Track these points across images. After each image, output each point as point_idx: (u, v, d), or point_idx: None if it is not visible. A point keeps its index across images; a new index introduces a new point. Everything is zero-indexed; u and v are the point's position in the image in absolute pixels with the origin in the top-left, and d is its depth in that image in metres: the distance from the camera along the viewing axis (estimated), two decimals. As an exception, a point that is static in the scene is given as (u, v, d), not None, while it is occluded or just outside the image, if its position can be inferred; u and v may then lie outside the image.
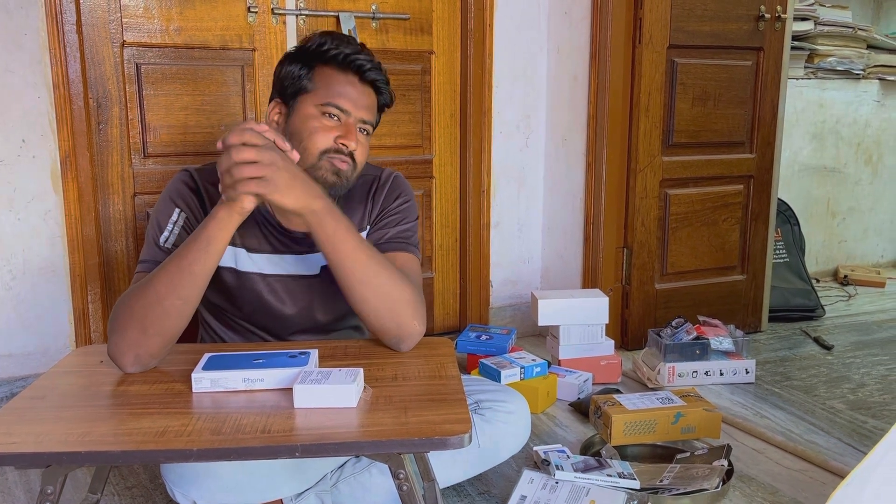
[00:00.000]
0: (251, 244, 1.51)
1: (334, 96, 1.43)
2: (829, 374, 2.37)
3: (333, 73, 1.45)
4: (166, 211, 1.46)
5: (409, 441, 1.06)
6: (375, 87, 1.48)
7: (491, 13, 2.50)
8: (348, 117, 1.44)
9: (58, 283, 2.05)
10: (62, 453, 1.02)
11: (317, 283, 1.55)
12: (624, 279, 2.55)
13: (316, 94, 1.44)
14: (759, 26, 2.57)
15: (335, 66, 1.45)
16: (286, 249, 1.53)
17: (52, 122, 1.99)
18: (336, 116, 1.43)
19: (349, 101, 1.44)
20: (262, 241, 1.51)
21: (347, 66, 1.44)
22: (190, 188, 1.47)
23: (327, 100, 1.43)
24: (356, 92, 1.45)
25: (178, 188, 1.48)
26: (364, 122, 1.46)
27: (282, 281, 1.53)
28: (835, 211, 3.63)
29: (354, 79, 1.45)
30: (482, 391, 1.64)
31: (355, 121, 1.45)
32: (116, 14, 2.05)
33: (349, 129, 1.43)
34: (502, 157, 2.62)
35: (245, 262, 1.51)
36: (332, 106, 1.42)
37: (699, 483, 1.56)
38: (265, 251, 1.51)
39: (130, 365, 1.26)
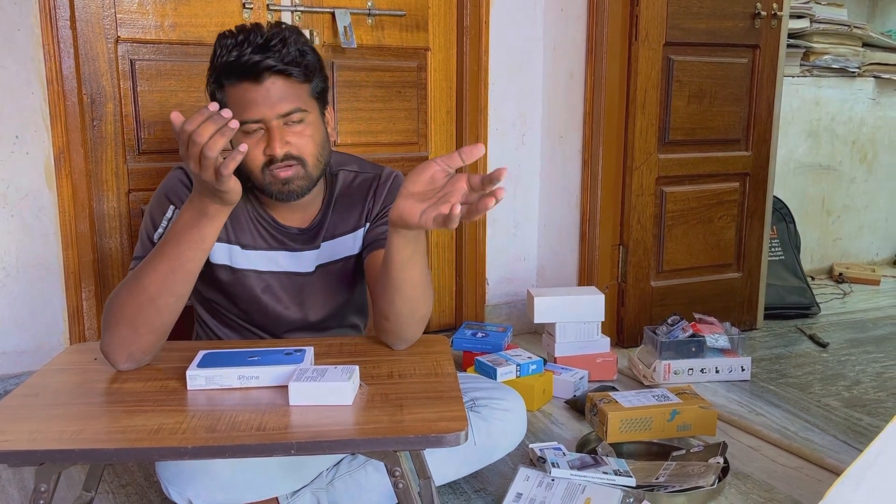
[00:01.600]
0: (245, 241, 1.50)
1: (241, 113, 1.34)
2: (825, 371, 2.38)
3: (233, 87, 1.36)
4: (161, 208, 1.45)
5: (405, 439, 1.05)
6: (277, 73, 1.35)
7: (487, 10, 2.49)
8: (266, 123, 1.35)
9: (51, 280, 2.04)
10: (56, 451, 1.01)
11: (311, 281, 1.55)
12: (620, 277, 2.55)
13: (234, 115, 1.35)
14: (755, 24, 2.56)
15: (232, 80, 1.36)
16: (280, 246, 1.52)
17: (45, 119, 1.98)
18: (255, 130, 1.36)
19: (255, 108, 1.34)
20: (256, 238, 1.50)
21: (236, 74, 1.35)
22: (185, 185, 1.46)
23: (239, 118, 1.29)
24: (259, 94, 1.34)
25: (173, 185, 1.47)
26: (284, 114, 1.36)
27: (276, 277, 1.53)
28: (830, 209, 3.64)
29: (249, 83, 1.34)
30: (478, 389, 1.64)
31: (276, 122, 1.35)
32: (111, 10, 2.04)
33: (271, 136, 1.35)
34: (498, 154, 2.61)
35: (240, 260, 1.50)
36: (245, 123, 1.34)
37: (695, 480, 1.56)
38: (260, 248, 1.51)
39: (123, 362, 1.26)
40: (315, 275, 1.55)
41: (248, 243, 1.50)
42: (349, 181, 1.56)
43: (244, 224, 1.50)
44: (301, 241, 1.53)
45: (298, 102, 1.37)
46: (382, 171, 1.61)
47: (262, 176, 1.38)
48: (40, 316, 2.05)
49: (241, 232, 1.50)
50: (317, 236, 1.54)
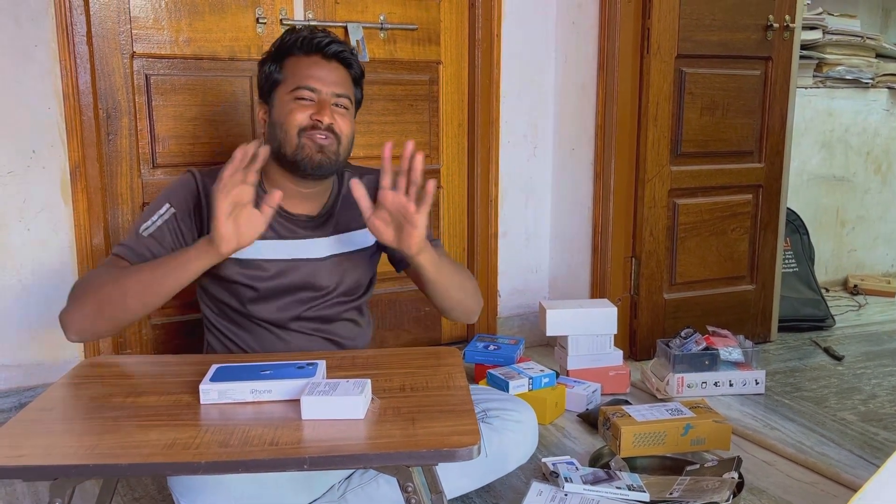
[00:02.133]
0: None
1: (302, 79, 1.51)
2: (840, 384, 2.36)
3: (298, 59, 1.53)
4: (157, 204, 1.54)
5: (418, 453, 1.05)
6: (341, 60, 1.55)
7: (499, 23, 2.50)
8: (320, 95, 1.51)
9: (67, 294, 2.05)
10: (70, 466, 1.02)
11: (322, 265, 1.59)
12: (632, 289, 2.54)
13: (286, 83, 1.53)
14: (768, 36, 2.56)
15: (299, 53, 1.53)
16: (290, 234, 1.57)
17: (62, 133, 2.00)
18: (307, 98, 1.51)
19: (316, 79, 1.51)
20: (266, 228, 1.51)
21: (309, 48, 1.53)
22: (188, 189, 1.54)
23: (296, 84, 1.51)
24: (322, 70, 1.52)
25: (176, 187, 1.56)
26: (337, 95, 1.53)
27: (285, 263, 1.57)
28: (844, 220, 3.61)
29: (317, 58, 1.53)
30: (489, 400, 1.65)
31: (328, 96, 1.52)
32: (126, 25, 2.06)
33: (322, 105, 1.51)
34: (510, 166, 2.62)
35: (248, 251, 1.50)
36: (302, 88, 1.51)
37: (709, 496, 1.55)
38: (269, 237, 1.54)
39: (73, 335, 1.41)
40: (327, 261, 1.60)
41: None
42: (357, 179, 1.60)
43: None
44: (310, 228, 1.59)
45: (349, 92, 1.57)
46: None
47: (298, 139, 1.50)
48: (56, 329, 2.04)
49: None
50: (326, 224, 1.61)
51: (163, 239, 1.50)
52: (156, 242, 1.49)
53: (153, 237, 1.49)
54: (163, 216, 1.51)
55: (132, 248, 1.49)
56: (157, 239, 1.49)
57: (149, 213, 1.52)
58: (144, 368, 1.41)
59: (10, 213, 1.98)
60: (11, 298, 2.01)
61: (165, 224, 1.50)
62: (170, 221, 1.51)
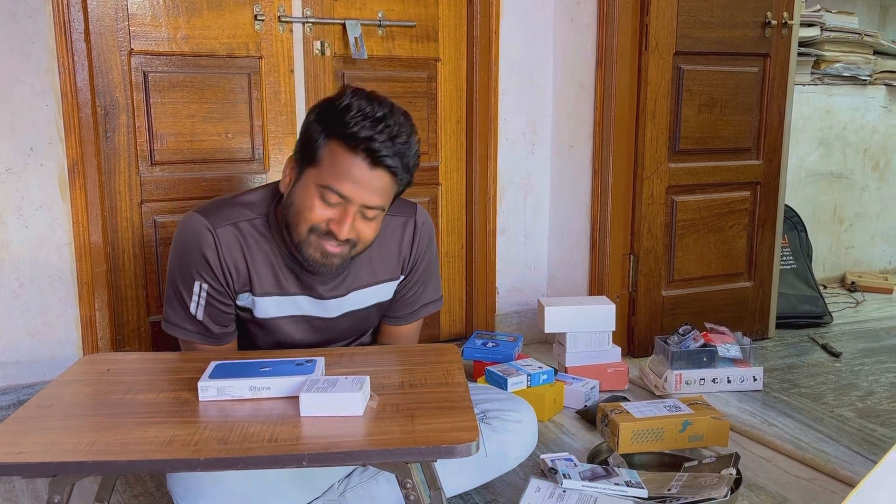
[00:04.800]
0: (269, 288, 1.50)
1: (337, 179, 1.33)
2: (838, 381, 2.36)
3: (343, 151, 1.33)
4: (185, 281, 1.46)
5: (416, 450, 1.05)
6: (390, 171, 1.35)
7: (497, 20, 2.50)
8: (349, 202, 1.35)
9: (65, 291, 2.06)
10: (69, 463, 1.02)
11: (334, 323, 1.57)
12: (630, 286, 2.54)
13: (321, 170, 1.35)
14: (766, 33, 2.56)
15: (346, 145, 1.33)
16: (306, 291, 1.52)
17: (59, 130, 1.99)
18: (334, 199, 1.35)
19: (352, 186, 1.33)
20: (279, 283, 1.50)
21: (360, 148, 1.32)
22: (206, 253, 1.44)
23: (328, 182, 1.34)
24: (364, 176, 1.33)
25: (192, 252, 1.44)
26: (369, 207, 1.36)
27: (300, 320, 1.54)
28: (842, 217, 3.62)
29: (363, 163, 1.33)
30: (489, 400, 1.65)
31: (358, 207, 1.35)
32: (124, 22, 2.06)
33: (344, 216, 1.35)
34: (508, 163, 2.62)
35: (263, 309, 1.51)
36: (332, 190, 1.34)
37: (707, 492, 1.55)
38: (283, 293, 1.51)
39: None
40: (341, 318, 1.57)
41: (270, 290, 1.49)
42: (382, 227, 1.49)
43: (268, 271, 1.49)
44: (329, 287, 1.52)
45: (385, 201, 1.39)
46: (416, 212, 1.60)
47: (307, 235, 1.39)
48: (54, 326, 2.06)
49: (264, 278, 1.49)
50: (343, 283, 1.53)
51: (214, 316, 1.49)
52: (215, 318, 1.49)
53: (209, 316, 1.48)
54: (200, 294, 1.46)
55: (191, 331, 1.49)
56: (212, 316, 1.48)
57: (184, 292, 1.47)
58: (143, 365, 1.41)
59: (8, 211, 1.98)
60: (10, 296, 2.00)
61: (208, 299, 1.47)
62: (210, 295, 1.46)
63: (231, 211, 1.47)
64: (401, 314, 1.65)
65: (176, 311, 1.49)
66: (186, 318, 1.48)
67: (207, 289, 1.45)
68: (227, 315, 1.50)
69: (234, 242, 1.45)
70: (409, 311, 1.66)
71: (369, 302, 1.58)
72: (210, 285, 1.45)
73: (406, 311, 1.65)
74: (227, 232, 1.44)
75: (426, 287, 1.65)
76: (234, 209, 1.48)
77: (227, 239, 1.44)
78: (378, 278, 1.57)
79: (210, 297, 1.46)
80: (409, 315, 1.66)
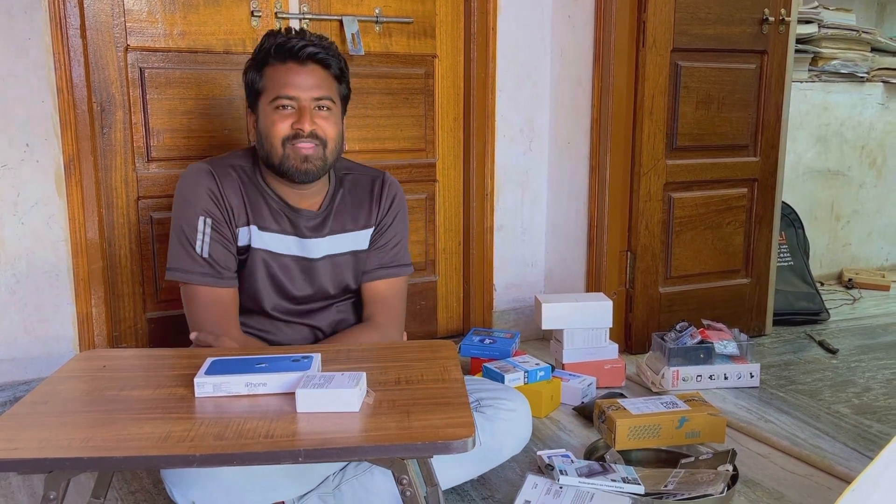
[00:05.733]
0: (263, 222, 1.59)
1: (279, 88, 1.51)
2: (834, 378, 2.36)
3: (275, 67, 1.53)
4: (190, 217, 1.56)
5: (412, 446, 1.05)
6: (318, 61, 1.53)
7: (494, 17, 2.49)
8: (299, 102, 1.52)
9: (61, 287, 2.05)
10: (65, 459, 1.02)
11: (319, 266, 1.64)
12: (628, 283, 2.54)
13: (267, 92, 1.54)
14: (763, 29, 2.56)
15: (275, 61, 1.53)
16: (294, 231, 1.61)
17: (55, 127, 1.99)
18: (288, 106, 1.52)
19: (293, 87, 1.51)
20: (270, 221, 1.60)
21: (283, 54, 1.52)
22: (212, 193, 1.56)
23: (275, 94, 1.52)
24: (299, 76, 1.52)
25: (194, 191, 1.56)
26: (318, 99, 1.53)
27: (287, 260, 1.62)
28: (839, 214, 3.62)
29: (293, 64, 1.52)
30: (483, 390, 1.66)
31: (308, 102, 1.52)
32: (120, 18, 2.05)
33: (302, 113, 1.51)
34: (506, 160, 2.62)
35: (256, 239, 1.59)
36: (280, 98, 1.51)
37: (704, 488, 1.56)
38: (274, 230, 1.60)
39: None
40: (322, 261, 1.64)
41: (265, 225, 1.59)
42: (353, 179, 1.70)
43: (262, 206, 1.60)
44: (312, 227, 1.62)
45: (331, 93, 1.56)
46: (384, 175, 1.74)
47: (283, 149, 1.52)
48: (50, 323, 2.06)
49: (260, 214, 1.59)
50: (324, 224, 1.64)
51: (219, 253, 1.56)
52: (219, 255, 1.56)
53: (213, 253, 1.56)
54: (205, 231, 1.55)
55: (196, 272, 1.55)
56: (216, 253, 1.56)
57: (188, 232, 1.56)
58: (139, 362, 1.41)
59: (4, 207, 1.97)
60: (5, 292, 2.00)
61: (213, 235, 1.56)
62: (214, 235, 1.56)
63: (226, 158, 1.65)
64: (374, 267, 1.70)
65: (181, 256, 1.56)
66: (192, 260, 1.55)
67: (212, 223, 1.55)
68: (229, 253, 1.58)
69: (231, 179, 1.59)
70: (383, 265, 1.70)
71: (346, 248, 1.67)
72: (213, 219, 1.55)
73: (376, 264, 1.70)
74: (225, 172, 1.59)
75: (398, 244, 1.73)
76: (228, 159, 1.64)
77: (225, 175, 1.58)
78: (353, 225, 1.67)
79: (214, 232, 1.55)
80: (383, 270, 1.70)
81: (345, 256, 1.67)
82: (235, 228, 1.58)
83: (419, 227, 2.53)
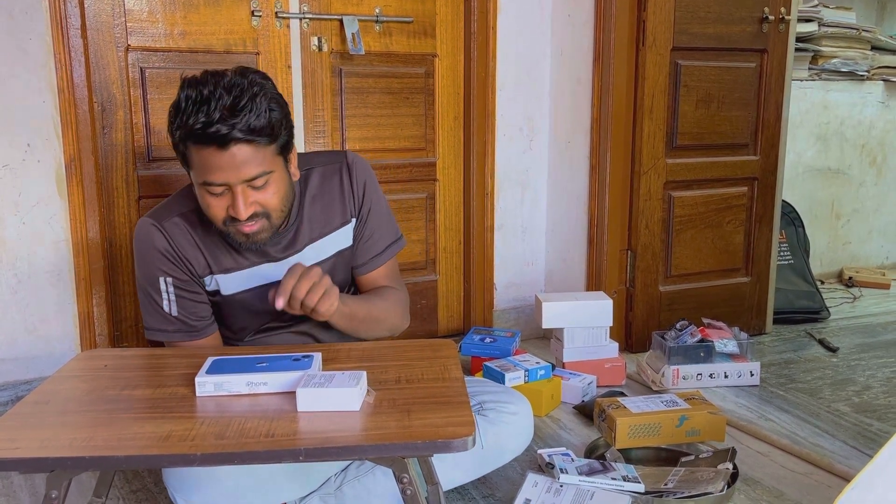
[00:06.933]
0: (227, 265, 1.53)
1: (206, 173, 1.36)
2: (834, 376, 2.37)
3: (195, 148, 1.35)
4: (152, 282, 1.51)
5: (413, 444, 1.06)
6: (245, 141, 1.34)
7: (494, 16, 2.50)
8: (231, 186, 1.37)
9: (62, 287, 2.06)
10: (66, 458, 1.02)
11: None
12: (628, 282, 2.55)
13: (195, 171, 1.39)
14: (763, 28, 2.56)
15: (193, 142, 1.35)
16: (262, 258, 1.54)
17: (56, 127, 1.99)
18: (220, 189, 1.38)
19: (221, 173, 1.35)
20: (235, 259, 1.53)
21: (203, 140, 1.33)
22: (160, 250, 1.49)
23: (203, 179, 1.37)
24: (224, 160, 1.34)
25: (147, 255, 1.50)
26: (250, 179, 1.37)
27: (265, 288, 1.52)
28: (839, 213, 3.62)
29: (215, 149, 1.33)
30: (485, 392, 1.65)
31: (240, 186, 1.37)
32: (121, 18, 2.05)
33: (235, 199, 1.37)
34: (506, 159, 2.62)
35: (224, 286, 1.54)
36: (209, 184, 1.37)
37: (704, 486, 1.56)
38: (242, 267, 1.53)
39: None
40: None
41: (229, 266, 1.53)
42: (319, 174, 1.60)
43: (221, 251, 1.53)
44: (283, 247, 1.55)
45: (263, 166, 1.37)
46: (345, 156, 1.63)
47: (225, 227, 1.43)
48: (51, 322, 2.06)
49: (220, 258, 1.53)
50: (296, 240, 1.56)
51: (188, 308, 1.52)
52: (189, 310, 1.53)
53: (183, 310, 1.52)
54: (170, 291, 1.50)
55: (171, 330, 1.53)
56: (185, 308, 1.52)
57: (153, 293, 1.51)
58: (140, 361, 1.42)
59: (6, 207, 1.98)
60: (7, 292, 2.00)
61: (178, 297, 1.51)
62: (178, 292, 1.51)
63: (172, 205, 1.54)
64: (368, 259, 1.64)
65: (153, 315, 1.53)
66: (164, 319, 1.52)
67: (173, 282, 1.50)
68: (200, 304, 1.53)
69: (182, 231, 1.50)
70: (376, 254, 1.65)
71: (330, 252, 1.60)
72: (174, 277, 1.50)
73: (372, 253, 1.64)
74: (173, 224, 1.50)
75: (382, 225, 1.65)
76: (175, 202, 1.54)
77: (174, 230, 1.50)
78: (330, 226, 1.60)
79: (178, 290, 1.50)
80: (377, 258, 1.65)
81: (329, 260, 1.60)
82: (200, 279, 1.52)
83: (419, 225, 2.53)
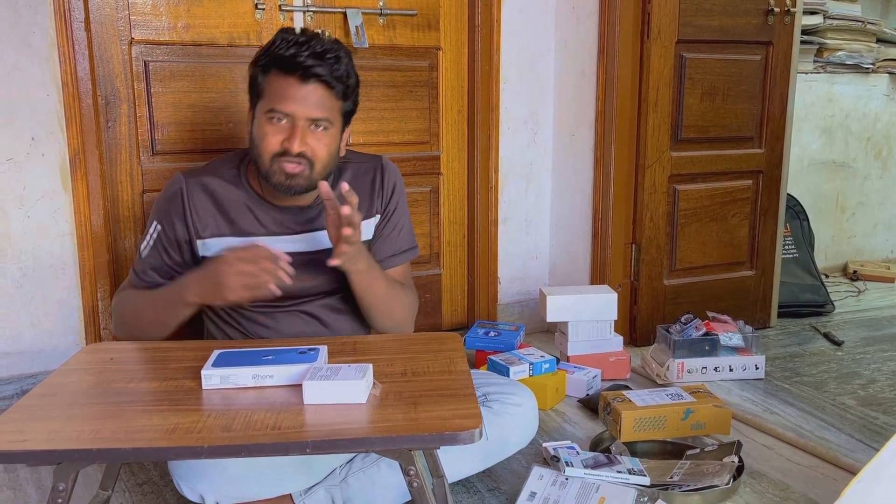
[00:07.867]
0: (245, 228, 1.56)
1: (276, 101, 1.45)
2: (840, 369, 2.36)
3: (278, 77, 1.45)
4: (150, 220, 1.59)
5: (420, 437, 1.06)
6: (322, 82, 1.45)
7: (498, 9, 2.49)
8: (294, 119, 1.45)
9: (67, 281, 2.06)
10: (73, 451, 1.03)
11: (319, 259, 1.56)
12: (632, 275, 2.54)
13: (265, 99, 1.47)
14: (769, 20, 2.55)
15: (279, 70, 1.45)
16: (281, 230, 1.57)
17: (60, 120, 1.99)
18: (282, 119, 1.46)
19: (292, 103, 1.44)
20: (255, 224, 1.56)
21: (289, 67, 1.44)
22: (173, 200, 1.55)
23: (270, 105, 1.46)
24: (300, 93, 1.44)
25: (162, 200, 1.58)
26: (314, 119, 1.46)
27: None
28: (844, 206, 3.61)
29: (295, 80, 1.44)
30: (490, 384, 1.66)
31: (303, 121, 1.45)
32: (125, 11, 2.05)
33: (293, 132, 1.45)
34: (510, 153, 2.61)
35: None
36: (276, 112, 1.45)
37: (709, 479, 1.56)
38: (258, 234, 1.56)
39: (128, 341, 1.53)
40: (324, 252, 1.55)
41: (248, 229, 1.56)
42: (353, 170, 1.66)
43: (243, 212, 1.56)
44: (302, 221, 1.58)
45: (329, 114, 1.48)
46: (382, 159, 1.71)
47: (270, 162, 1.48)
48: (56, 316, 2.07)
49: (240, 220, 1.56)
50: (319, 218, 1.59)
51: (155, 259, 1.57)
52: (152, 262, 1.57)
53: (150, 258, 1.57)
54: (152, 235, 1.57)
55: (138, 272, 1.59)
56: (152, 259, 1.57)
57: (147, 230, 1.58)
58: (146, 354, 1.42)
59: (10, 201, 1.98)
60: (12, 286, 2.01)
61: (156, 242, 1.56)
62: (158, 241, 1.56)
63: (210, 166, 1.62)
64: (385, 257, 1.68)
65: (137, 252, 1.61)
66: (137, 257, 1.59)
67: (160, 230, 1.55)
68: (163, 267, 1.57)
69: (203, 190, 1.55)
70: (391, 255, 1.68)
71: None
72: (164, 227, 1.55)
73: (388, 253, 1.68)
74: (198, 182, 1.56)
75: (403, 229, 1.71)
76: (209, 170, 1.61)
77: (195, 188, 1.55)
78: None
79: (159, 241, 1.56)
80: (393, 259, 1.69)
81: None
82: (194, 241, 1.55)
83: (423, 219, 2.53)
